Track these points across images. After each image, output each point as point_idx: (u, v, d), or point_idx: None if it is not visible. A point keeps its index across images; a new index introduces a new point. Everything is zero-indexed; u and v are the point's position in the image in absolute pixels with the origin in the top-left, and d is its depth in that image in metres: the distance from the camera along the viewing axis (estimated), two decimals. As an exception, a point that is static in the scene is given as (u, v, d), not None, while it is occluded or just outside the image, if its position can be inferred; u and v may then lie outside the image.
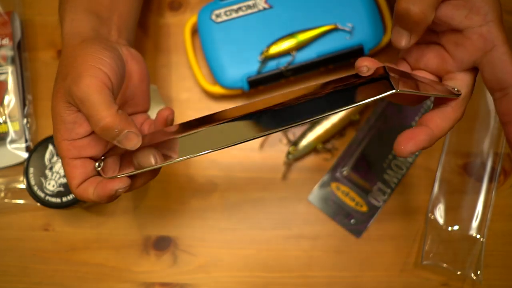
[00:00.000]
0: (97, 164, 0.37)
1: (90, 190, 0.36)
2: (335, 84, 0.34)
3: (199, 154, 0.34)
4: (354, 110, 0.52)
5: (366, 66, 0.33)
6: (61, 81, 0.35)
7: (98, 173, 0.37)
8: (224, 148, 0.34)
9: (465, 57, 0.34)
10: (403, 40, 0.34)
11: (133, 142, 0.34)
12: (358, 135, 0.53)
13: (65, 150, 0.35)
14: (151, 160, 0.34)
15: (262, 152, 0.53)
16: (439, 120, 0.34)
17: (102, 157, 0.37)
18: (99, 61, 0.35)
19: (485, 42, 0.33)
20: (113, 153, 0.37)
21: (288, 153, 0.52)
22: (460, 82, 0.35)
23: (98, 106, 0.33)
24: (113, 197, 0.36)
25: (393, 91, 0.31)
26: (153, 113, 0.48)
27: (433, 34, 0.36)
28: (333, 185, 0.52)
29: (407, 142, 0.34)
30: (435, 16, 0.33)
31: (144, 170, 0.35)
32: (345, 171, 0.53)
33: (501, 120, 0.35)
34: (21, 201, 0.52)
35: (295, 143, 0.52)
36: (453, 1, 0.33)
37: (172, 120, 0.40)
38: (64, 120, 0.35)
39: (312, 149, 0.52)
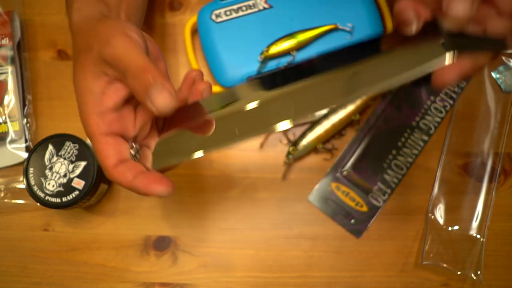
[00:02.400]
0: (132, 151, 0.34)
1: (129, 176, 0.32)
2: None
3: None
4: (354, 110, 0.52)
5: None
6: (85, 53, 0.33)
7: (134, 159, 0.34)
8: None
9: None
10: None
11: (166, 99, 0.30)
12: (358, 135, 0.53)
13: (95, 126, 0.32)
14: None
15: (262, 152, 0.53)
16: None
17: (136, 145, 0.34)
18: (126, 26, 0.33)
19: None
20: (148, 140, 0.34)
21: (288, 153, 0.51)
22: None
23: (136, 57, 0.31)
24: (149, 195, 0.32)
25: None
26: None
27: None
28: (333, 185, 0.52)
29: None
30: None
31: (184, 160, 0.31)
32: (345, 171, 0.53)
33: None
34: (21, 201, 0.52)
35: (295, 143, 0.52)
36: None
37: (202, 80, 0.36)
38: (92, 91, 0.32)
39: (312, 149, 0.52)
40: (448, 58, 0.29)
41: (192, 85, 0.37)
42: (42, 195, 0.46)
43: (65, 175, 0.47)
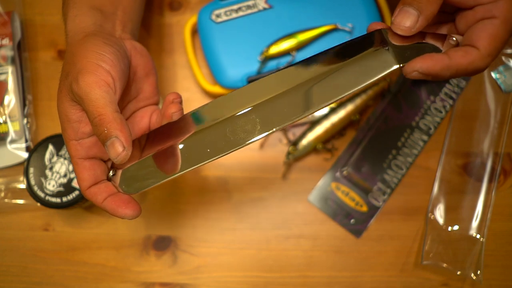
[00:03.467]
0: (110, 172, 0.36)
1: (99, 198, 0.35)
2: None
3: (212, 159, 0.34)
4: (354, 110, 0.52)
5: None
6: (64, 79, 0.35)
7: (109, 180, 0.36)
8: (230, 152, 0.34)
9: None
10: (409, 20, 0.32)
11: (116, 151, 0.32)
12: (358, 135, 0.53)
13: (73, 150, 0.35)
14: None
15: (262, 152, 0.53)
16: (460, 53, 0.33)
17: (112, 168, 0.37)
18: (99, 57, 0.34)
19: (485, 12, 0.32)
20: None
21: (288, 153, 0.52)
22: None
23: (95, 102, 0.32)
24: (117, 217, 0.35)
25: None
26: None
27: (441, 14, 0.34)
28: (333, 185, 0.52)
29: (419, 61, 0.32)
30: None
31: (155, 184, 0.34)
32: (345, 171, 0.53)
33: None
34: (21, 201, 0.52)
35: (295, 143, 0.52)
36: None
37: (180, 103, 0.38)
38: (70, 119, 0.34)
39: (312, 149, 0.52)
40: (394, 65, 0.33)
41: (171, 110, 0.38)
42: (42, 195, 0.47)
43: (65, 175, 0.47)
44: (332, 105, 0.53)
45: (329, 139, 0.53)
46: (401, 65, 0.33)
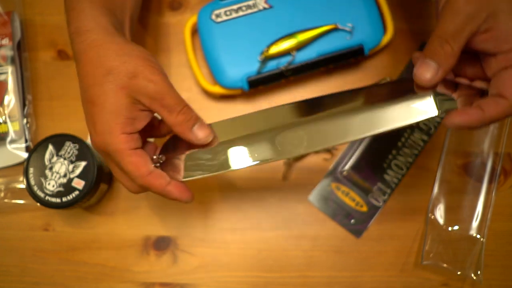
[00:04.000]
0: (155, 157, 0.38)
1: (163, 183, 0.37)
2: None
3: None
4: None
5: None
6: (124, 78, 0.36)
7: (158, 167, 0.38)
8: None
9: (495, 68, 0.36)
10: (429, 73, 0.34)
11: (205, 131, 0.37)
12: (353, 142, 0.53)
13: (124, 142, 0.36)
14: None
15: (262, 152, 0.53)
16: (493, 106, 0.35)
17: (160, 155, 0.39)
18: (149, 57, 0.37)
19: (508, 61, 0.34)
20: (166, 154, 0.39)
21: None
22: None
23: (168, 92, 0.36)
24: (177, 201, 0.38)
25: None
26: None
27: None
28: (333, 185, 0.52)
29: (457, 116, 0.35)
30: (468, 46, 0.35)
31: (202, 176, 0.38)
32: (345, 171, 0.53)
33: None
34: (21, 201, 0.52)
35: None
36: (481, 35, 0.34)
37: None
38: (127, 115, 0.36)
39: (312, 149, 0.52)
40: (434, 112, 0.36)
41: None
42: (42, 195, 0.47)
43: (65, 175, 0.47)
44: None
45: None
46: (439, 112, 0.36)
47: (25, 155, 0.52)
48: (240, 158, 0.38)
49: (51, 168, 0.47)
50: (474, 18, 0.34)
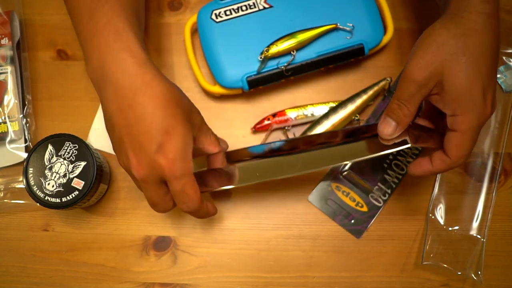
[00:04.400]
0: None
1: (210, 207, 0.44)
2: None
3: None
4: (354, 110, 0.52)
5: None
6: (188, 112, 0.41)
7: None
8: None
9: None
10: (390, 129, 0.41)
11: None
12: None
13: (192, 168, 0.40)
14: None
15: (262, 152, 0.53)
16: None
17: None
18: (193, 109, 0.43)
19: (451, 124, 0.40)
20: None
21: (288, 153, 0.51)
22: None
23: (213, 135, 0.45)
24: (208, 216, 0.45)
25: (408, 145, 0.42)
26: None
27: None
28: (333, 185, 0.52)
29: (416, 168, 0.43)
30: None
31: (217, 189, 0.44)
32: (346, 171, 0.52)
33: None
34: (20, 201, 0.52)
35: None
36: (433, 96, 0.40)
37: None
38: (192, 147, 0.40)
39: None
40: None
41: None
42: (41, 195, 0.46)
43: (64, 175, 0.47)
44: (332, 104, 0.53)
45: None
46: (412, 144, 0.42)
47: (24, 155, 0.52)
48: (246, 176, 0.45)
49: (50, 168, 0.47)
50: (425, 86, 0.39)
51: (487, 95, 0.38)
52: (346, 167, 0.52)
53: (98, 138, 0.53)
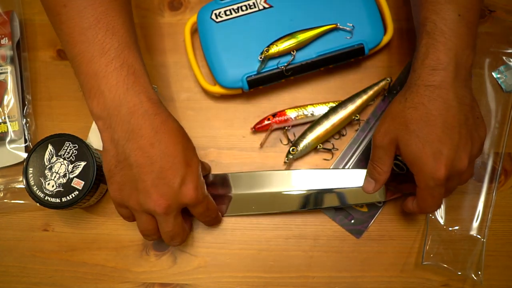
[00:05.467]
0: None
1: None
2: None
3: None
4: (354, 110, 0.52)
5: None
6: (194, 147, 0.44)
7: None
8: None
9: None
10: (371, 187, 0.48)
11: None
12: (359, 135, 0.53)
13: (202, 188, 0.44)
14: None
15: (262, 152, 0.53)
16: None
17: None
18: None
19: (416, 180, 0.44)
20: None
21: (288, 152, 0.51)
22: None
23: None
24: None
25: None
26: None
27: None
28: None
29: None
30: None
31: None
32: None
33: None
34: (20, 201, 0.52)
35: (295, 144, 0.52)
36: (402, 156, 0.44)
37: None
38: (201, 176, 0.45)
39: (312, 149, 0.52)
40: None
41: None
42: (41, 195, 0.46)
43: (64, 175, 0.47)
44: (332, 104, 0.53)
45: (329, 139, 0.53)
46: (383, 200, 0.51)
47: (24, 155, 0.52)
48: (239, 207, 0.51)
49: (50, 168, 0.47)
50: (388, 150, 0.45)
51: (438, 159, 0.41)
52: (348, 165, 0.52)
53: (98, 138, 0.53)
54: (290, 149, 0.51)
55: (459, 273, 0.49)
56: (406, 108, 0.43)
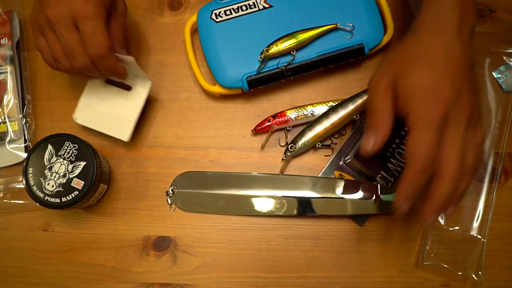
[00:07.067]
0: (170, 191, 0.52)
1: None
2: None
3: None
4: (354, 110, 0.52)
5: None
6: None
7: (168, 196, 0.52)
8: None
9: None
10: (370, 143, 0.41)
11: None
12: (359, 128, 0.53)
13: (104, 14, 0.45)
14: None
15: (262, 152, 0.53)
16: None
17: (172, 188, 0.52)
18: None
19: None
20: None
21: (286, 149, 0.51)
22: None
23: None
24: None
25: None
26: (132, 85, 0.52)
27: None
28: (336, 173, 0.52)
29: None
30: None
31: (203, 213, 0.52)
32: (349, 159, 0.52)
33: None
34: (20, 201, 0.52)
35: (293, 142, 0.51)
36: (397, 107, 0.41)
37: None
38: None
39: (311, 147, 0.52)
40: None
41: None
42: (41, 195, 0.46)
43: (64, 175, 0.47)
44: (332, 104, 0.53)
45: (329, 138, 0.53)
46: (378, 211, 0.50)
47: (24, 155, 0.52)
48: (233, 206, 0.51)
49: (50, 168, 0.47)
50: (386, 93, 0.40)
51: (438, 95, 0.38)
52: (349, 156, 0.52)
53: (85, 114, 0.52)
54: (289, 147, 0.51)
55: (460, 273, 0.49)
56: (405, 49, 0.41)
